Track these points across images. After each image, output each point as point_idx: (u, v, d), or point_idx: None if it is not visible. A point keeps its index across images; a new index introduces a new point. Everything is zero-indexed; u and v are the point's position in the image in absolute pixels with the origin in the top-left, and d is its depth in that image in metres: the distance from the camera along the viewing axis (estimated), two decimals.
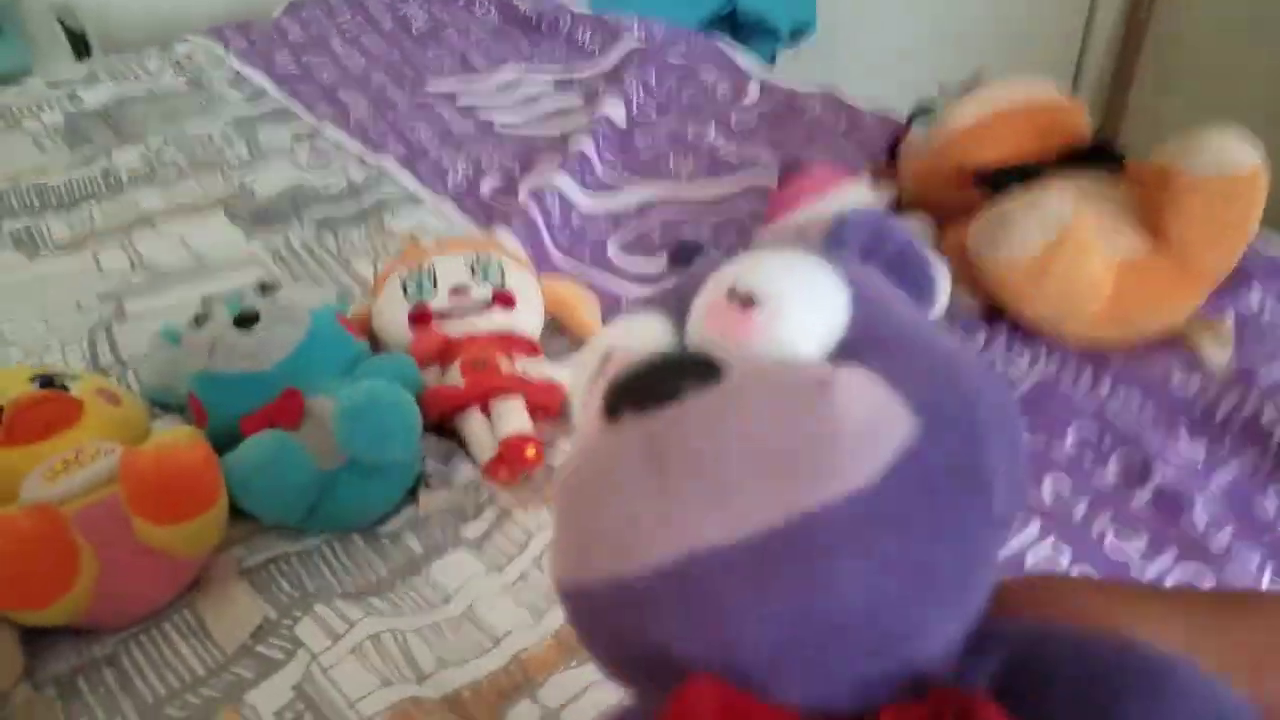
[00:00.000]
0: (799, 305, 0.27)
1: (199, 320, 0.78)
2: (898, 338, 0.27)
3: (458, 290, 0.86)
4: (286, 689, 0.61)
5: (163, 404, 0.86)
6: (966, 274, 0.88)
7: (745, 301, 0.28)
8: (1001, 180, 0.93)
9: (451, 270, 0.88)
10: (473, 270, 0.88)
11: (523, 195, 1.21)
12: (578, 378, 0.31)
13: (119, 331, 0.98)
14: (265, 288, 0.80)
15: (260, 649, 0.64)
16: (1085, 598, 0.28)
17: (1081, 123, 0.99)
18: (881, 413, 0.23)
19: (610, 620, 0.25)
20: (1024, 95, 0.98)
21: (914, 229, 0.92)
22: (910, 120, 1.10)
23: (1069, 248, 0.81)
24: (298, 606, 0.66)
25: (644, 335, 0.29)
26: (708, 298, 0.29)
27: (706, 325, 0.28)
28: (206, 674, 0.63)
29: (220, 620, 0.66)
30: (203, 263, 1.10)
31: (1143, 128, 2.65)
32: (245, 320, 0.75)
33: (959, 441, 0.24)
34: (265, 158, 1.34)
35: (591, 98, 1.48)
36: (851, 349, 0.27)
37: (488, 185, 1.25)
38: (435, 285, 0.87)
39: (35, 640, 0.64)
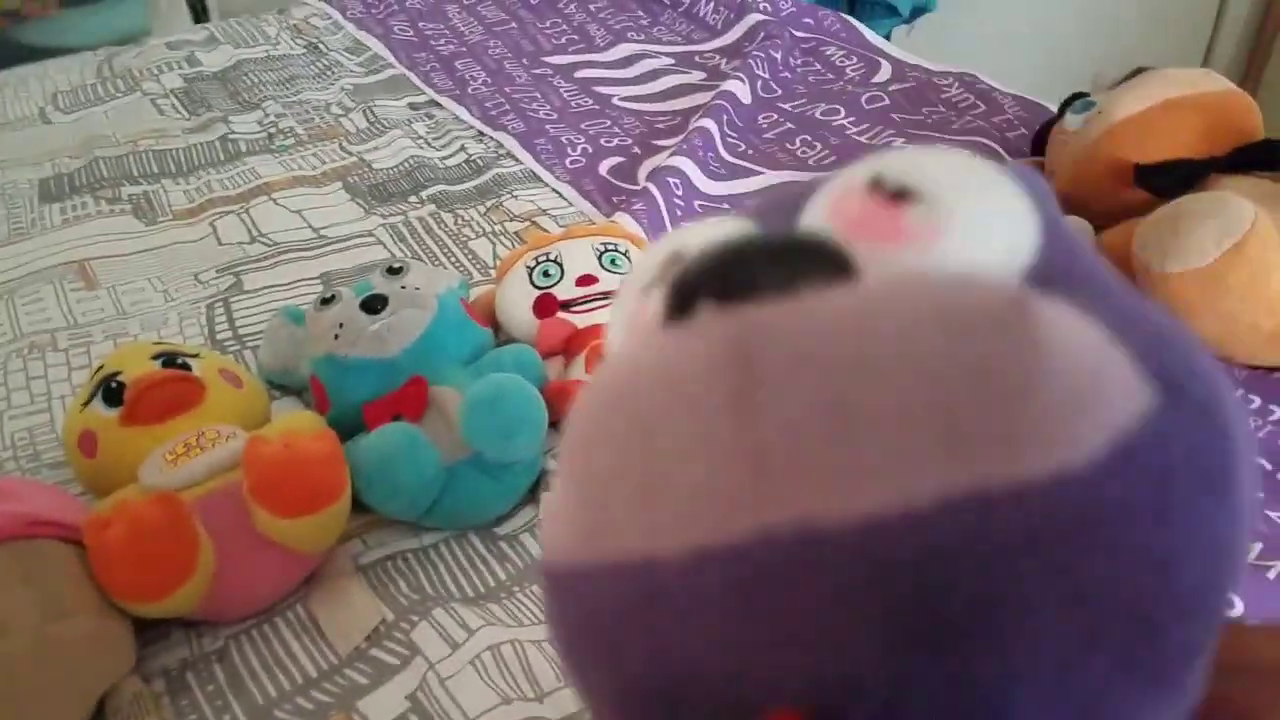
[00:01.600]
0: (973, 208, 0.19)
1: (325, 302, 0.75)
2: (1105, 288, 0.19)
3: (585, 279, 0.82)
4: (400, 698, 0.59)
5: (280, 385, 0.84)
6: (1127, 280, 0.81)
7: (896, 195, 0.20)
8: (1165, 179, 0.85)
9: (579, 258, 0.84)
10: (600, 258, 0.84)
11: (643, 177, 1.16)
12: (626, 287, 0.22)
13: (237, 306, 0.97)
14: (393, 270, 0.77)
15: (375, 652, 0.62)
16: (1262, 644, 0.21)
17: (1252, 118, 0.90)
18: (1106, 368, 0.16)
19: (634, 623, 0.16)
20: (1191, 86, 0.90)
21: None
22: (1062, 110, 1.02)
23: (1249, 258, 0.73)
24: (415, 610, 0.63)
25: (731, 235, 0.20)
26: (836, 190, 0.21)
27: (831, 225, 0.20)
28: (319, 675, 0.61)
29: (334, 620, 0.64)
30: (321, 237, 1.09)
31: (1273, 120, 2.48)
32: (373, 304, 0.73)
33: (1208, 431, 0.16)
34: (383, 130, 1.33)
35: (714, 74, 1.42)
36: (1044, 286, 0.18)
37: (606, 165, 1.21)
38: (562, 273, 0.83)
39: (145, 631, 0.62)
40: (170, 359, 0.72)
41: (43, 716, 0.55)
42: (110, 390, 0.69)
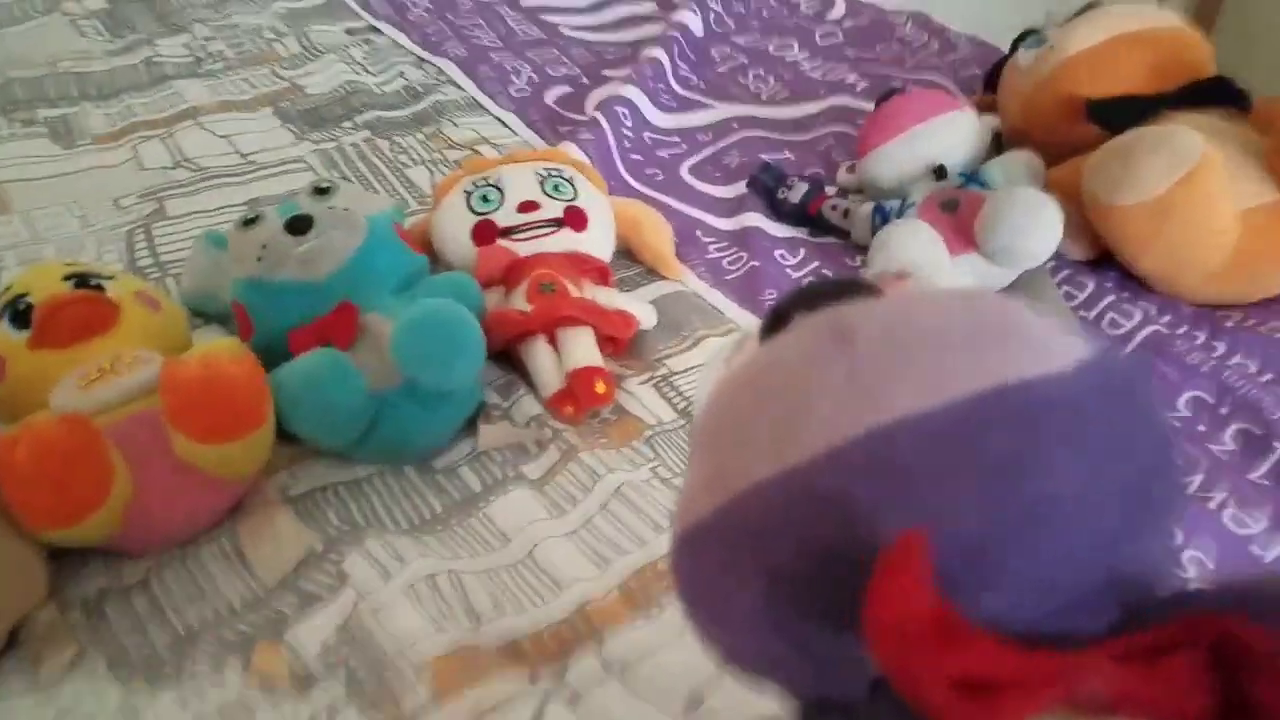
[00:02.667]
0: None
1: (248, 222, 0.71)
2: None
3: (526, 205, 0.79)
4: (330, 628, 0.56)
5: (203, 313, 0.80)
6: (1076, 216, 0.80)
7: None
8: (1116, 113, 0.84)
9: (520, 183, 0.81)
10: (543, 184, 0.81)
11: (591, 107, 1.13)
12: (712, 364, 0.29)
13: (159, 233, 0.92)
14: (320, 190, 0.73)
15: (303, 583, 0.59)
16: None
17: (1203, 54, 0.89)
18: (1060, 327, 0.24)
19: (783, 524, 0.22)
20: (1143, 22, 0.89)
21: (1023, 166, 0.83)
22: (1014, 46, 1.00)
23: (1198, 190, 0.73)
24: (346, 540, 0.61)
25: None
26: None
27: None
28: (244, 606, 0.58)
29: (261, 549, 0.61)
30: (250, 163, 1.04)
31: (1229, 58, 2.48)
32: (298, 225, 0.69)
33: (1125, 371, 0.23)
34: (318, 55, 1.27)
35: (665, 5, 1.38)
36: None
37: (553, 95, 1.17)
38: (502, 198, 0.80)
39: (62, 560, 0.59)
40: (83, 280, 0.68)
41: None
42: (18, 312, 0.65)
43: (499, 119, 1.12)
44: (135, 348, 0.65)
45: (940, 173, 0.84)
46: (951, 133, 0.85)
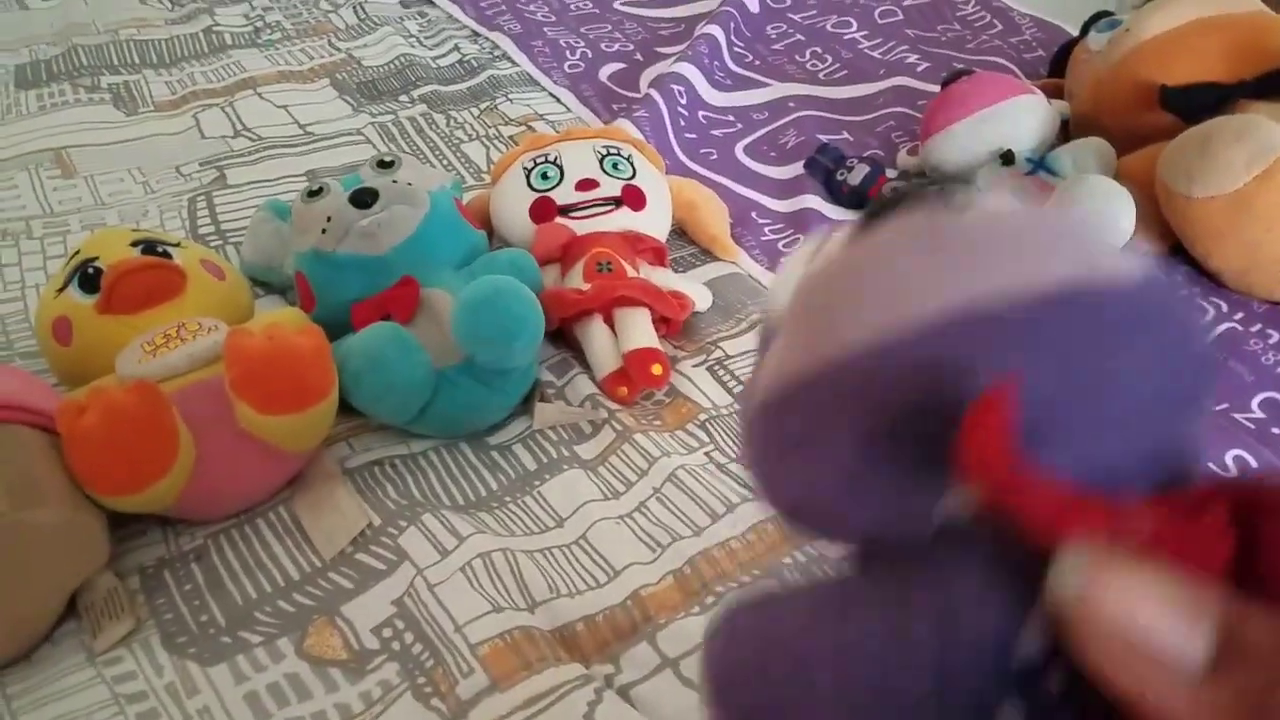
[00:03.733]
0: None
1: (313, 194, 0.72)
2: None
3: (585, 183, 0.79)
4: (386, 603, 0.57)
5: (264, 283, 0.81)
6: (1147, 207, 0.78)
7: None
8: (1191, 101, 0.82)
9: (579, 161, 0.80)
10: (601, 162, 0.81)
11: (645, 84, 1.12)
12: (787, 271, 0.29)
13: (220, 201, 0.93)
14: (384, 164, 0.73)
15: (360, 556, 0.60)
16: None
17: None
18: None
19: (877, 387, 0.23)
20: (1221, 5, 0.86)
21: (1093, 154, 0.81)
22: (1085, 29, 0.98)
23: (1279, 184, 0.71)
24: (403, 515, 0.61)
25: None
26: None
27: None
28: (301, 579, 0.59)
29: (319, 523, 0.62)
30: (308, 134, 1.04)
31: None
32: (363, 198, 0.69)
33: (1177, 293, 0.25)
34: (373, 27, 1.27)
35: None
36: None
37: (607, 71, 1.17)
38: (561, 176, 0.80)
39: (121, 527, 0.60)
40: (150, 246, 0.69)
41: (10, 607, 0.52)
42: (86, 276, 0.66)
43: (554, 95, 1.12)
44: (201, 315, 0.65)
45: (1008, 158, 0.82)
46: (1020, 117, 0.84)
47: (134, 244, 0.69)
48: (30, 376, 0.61)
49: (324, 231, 0.70)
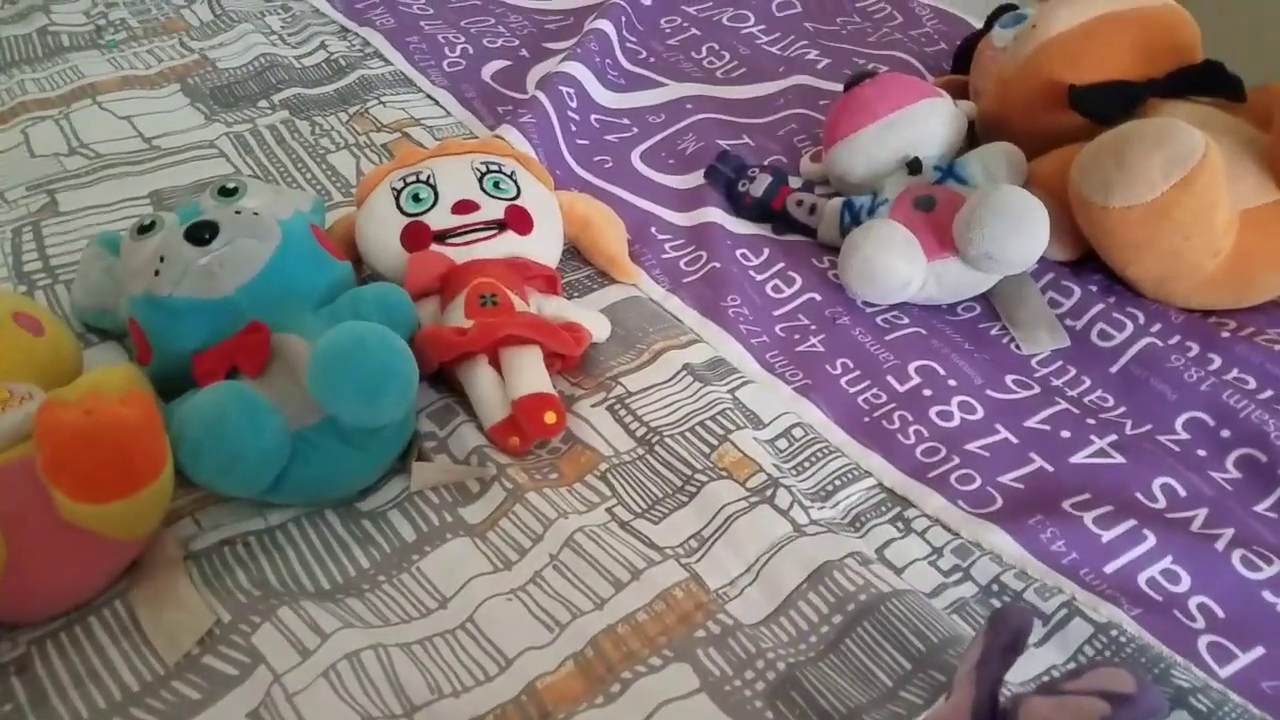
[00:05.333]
0: None
1: (143, 230, 0.62)
2: None
3: (463, 205, 0.71)
4: (240, 715, 0.49)
5: (99, 329, 0.71)
6: (1059, 214, 0.74)
7: None
8: (1101, 101, 0.78)
9: (456, 180, 0.72)
10: (481, 180, 0.73)
11: (532, 85, 1.04)
12: None
13: (49, 231, 0.82)
14: (226, 191, 0.64)
15: (209, 660, 0.51)
16: None
17: (1191, 35, 0.83)
18: None
19: None
20: (1129, 1, 0.83)
21: (1003, 160, 0.77)
22: (990, 22, 0.94)
23: (1198, 193, 0.67)
24: (256, 609, 0.53)
25: None
26: None
27: None
28: (141, 689, 0.50)
29: (159, 621, 0.53)
30: (154, 148, 0.94)
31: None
32: (199, 233, 0.60)
33: None
34: (231, 24, 1.16)
35: None
36: None
37: (490, 70, 1.08)
38: (436, 197, 0.71)
39: None
40: None
41: None
42: None
43: (431, 97, 1.03)
44: (12, 379, 0.56)
45: (914, 166, 0.77)
46: (927, 122, 0.79)
47: None
48: None
49: (157, 273, 0.61)
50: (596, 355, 0.71)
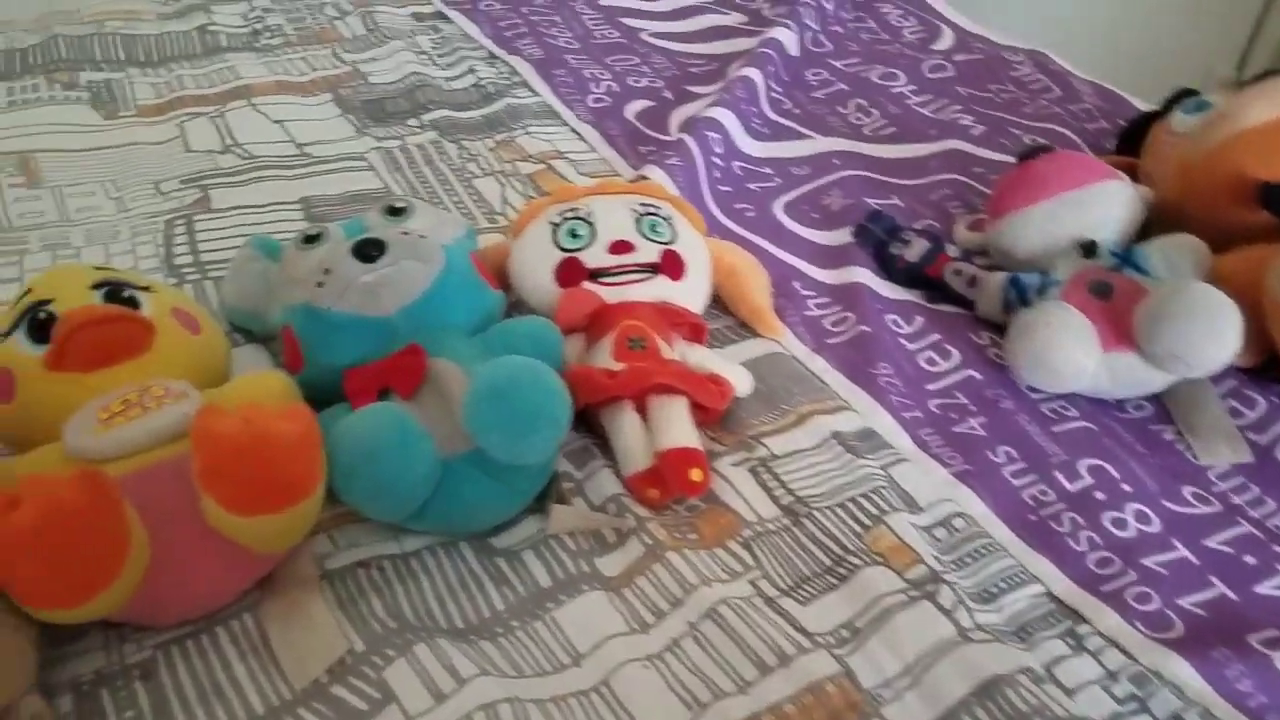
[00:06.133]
0: None
1: (309, 240, 0.62)
2: None
3: (619, 245, 0.70)
4: None
5: (244, 329, 0.71)
6: (1243, 316, 0.69)
7: None
8: None
9: (614, 219, 0.71)
10: (639, 222, 0.71)
11: (676, 127, 1.03)
12: None
13: (201, 226, 0.83)
14: (394, 211, 0.64)
15: (338, 691, 0.50)
16: None
17: None
18: None
19: None
20: None
21: (1188, 255, 0.73)
22: (1168, 105, 0.90)
23: None
24: (391, 642, 0.51)
25: None
26: None
27: None
28: (266, 712, 0.49)
29: (290, 642, 0.51)
30: (305, 155, 0.94)
31: None
32: (368, 250, 0.60)
33: None
34: (383, 40, 1.17)
35: (756, 18, 1.28)
36: None
37: (634, 109, 1.08)
38: (593, 235, 0.70)
39: (50, 629, 0.49)
40: (114, 291, 0.59)
41: None
42: (37, 322, 0.56)
43: (576, 131, 1.02)
44: (168, 376, 0.56)
45: (1090, 249, 0.73)
46: (1105, 204, 0.75)
47: (96, 285, 0.59)
48: None
49: (320, 285, 0.60)
50: (738, 411, 0.68)
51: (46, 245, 0.80)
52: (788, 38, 1.17)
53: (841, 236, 0.87)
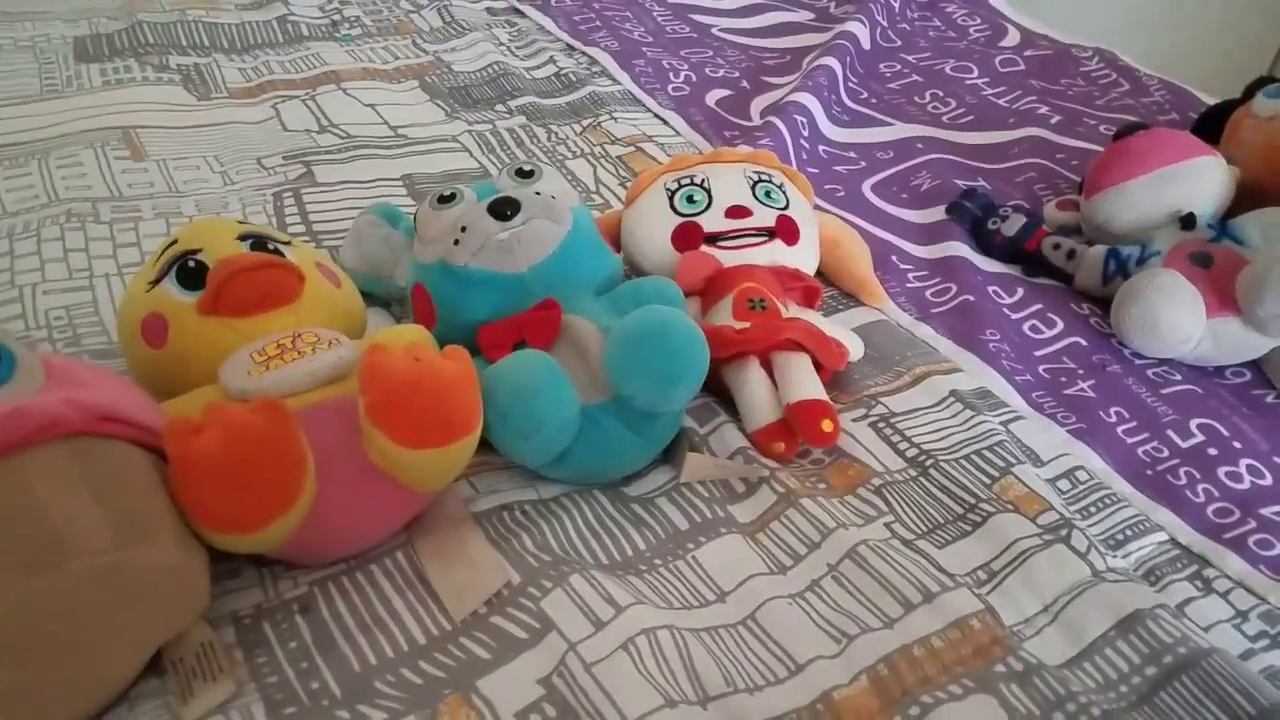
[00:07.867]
0: None
1: (444, 199, 0.64)
2: None
3: (736, 210, 0.71)
4: (532, 683, 0.48)
5: (365, 293, 0.73)
6: None
7: None
8: None
9: (730, 185, 0.73)
10: (754, 188, 0.73)
11: (757, 113, 1.05)
12: None
13: (310, 199, 0.85)
14: (523, 173, 0.65)
15: (497, 621, 0.51)
16: None
17: None
18: None
19: None
20: None
21: None
22: (1249, 93, 0.91)
23: None
24: (546, 574, 0.52)
25: None
26: None
27: None
28: (428, 643, 0.50)
29: (448, 576, 0.53)
30: (400, 137, 0.96)
31: None
32: (502, 208, 0.61)
33: None
34: (461, 31, 1.20)
35: (824, 16, 1.31)
36: None
37: (714, 96, 1.10)
38: (710, 200, 0.72)
39: (210, 565, 0.49)
40: (260, 242, 0.60)
41: (92, 661, 0.43)
42: (188, 270, 0.57)
43: (660, 117, 1.04)
44: (316, 325, 0.57)
45: (1188, 221, 0.75)
46: (1202, 180, 0.77)
47: (242, 238, 0.60)
48: (127, 383, 0.52)
49: (456, 243, 0.62)
50: (851, 373, 0.70)
51: (160, 214, 0.82)
52: (860, 31, 1.19)
53: (934, 214, 0.89)
